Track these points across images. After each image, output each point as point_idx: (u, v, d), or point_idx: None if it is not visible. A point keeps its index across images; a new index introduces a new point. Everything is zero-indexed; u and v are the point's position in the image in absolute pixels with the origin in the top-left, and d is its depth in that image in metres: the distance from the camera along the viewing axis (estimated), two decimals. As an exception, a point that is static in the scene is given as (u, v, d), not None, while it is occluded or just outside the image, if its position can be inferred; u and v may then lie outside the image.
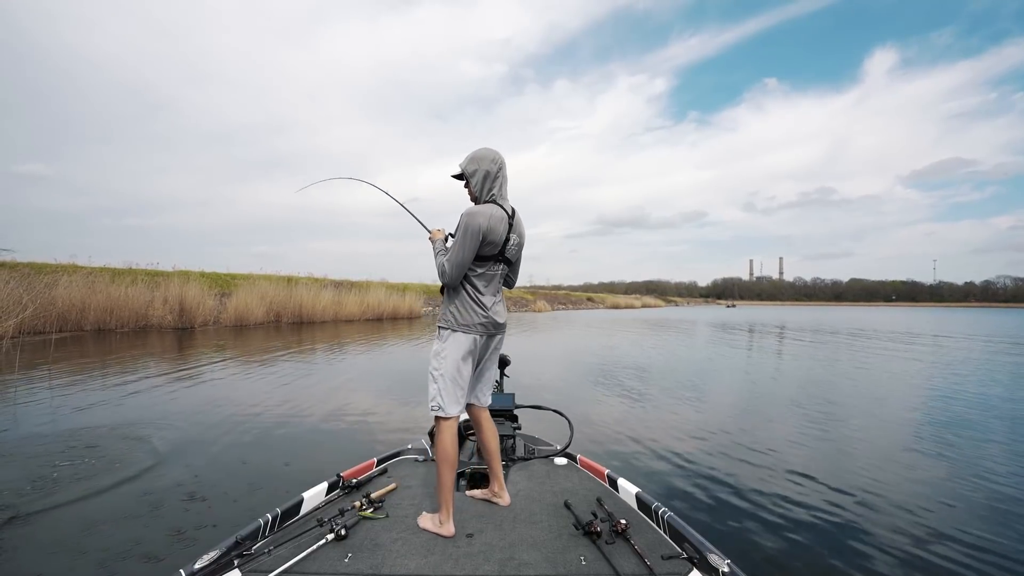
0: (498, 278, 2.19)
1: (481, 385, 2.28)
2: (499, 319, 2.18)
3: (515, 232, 2.17)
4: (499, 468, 2.27)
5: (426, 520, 2.04)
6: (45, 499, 2.81)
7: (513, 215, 2.17)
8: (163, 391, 5.92)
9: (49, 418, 4.56)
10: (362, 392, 6.05)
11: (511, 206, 2.19)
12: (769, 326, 23.90)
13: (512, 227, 2.15)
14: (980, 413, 5.32)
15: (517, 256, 2.25)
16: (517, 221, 2.19)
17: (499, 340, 2.29)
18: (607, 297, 73.44)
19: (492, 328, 2.17)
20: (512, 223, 2.16)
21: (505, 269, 2.22)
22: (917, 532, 2.59)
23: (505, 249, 2.15)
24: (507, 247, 2.15)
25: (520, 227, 2.22)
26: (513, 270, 2.29)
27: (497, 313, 2.17)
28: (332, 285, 22.70)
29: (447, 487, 2.01)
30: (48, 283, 12.97)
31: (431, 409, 2.10)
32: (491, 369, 2.30)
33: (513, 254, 2.20)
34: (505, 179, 2.18)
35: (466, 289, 2.12)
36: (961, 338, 16.47)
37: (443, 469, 2.04)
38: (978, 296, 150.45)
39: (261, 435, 4.14)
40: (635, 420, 4.92)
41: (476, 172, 2.13)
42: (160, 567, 2.12)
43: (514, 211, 2.19)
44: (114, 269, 17.72)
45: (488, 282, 2.15)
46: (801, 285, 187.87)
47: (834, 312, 57.55)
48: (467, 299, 2.11)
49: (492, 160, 2.14)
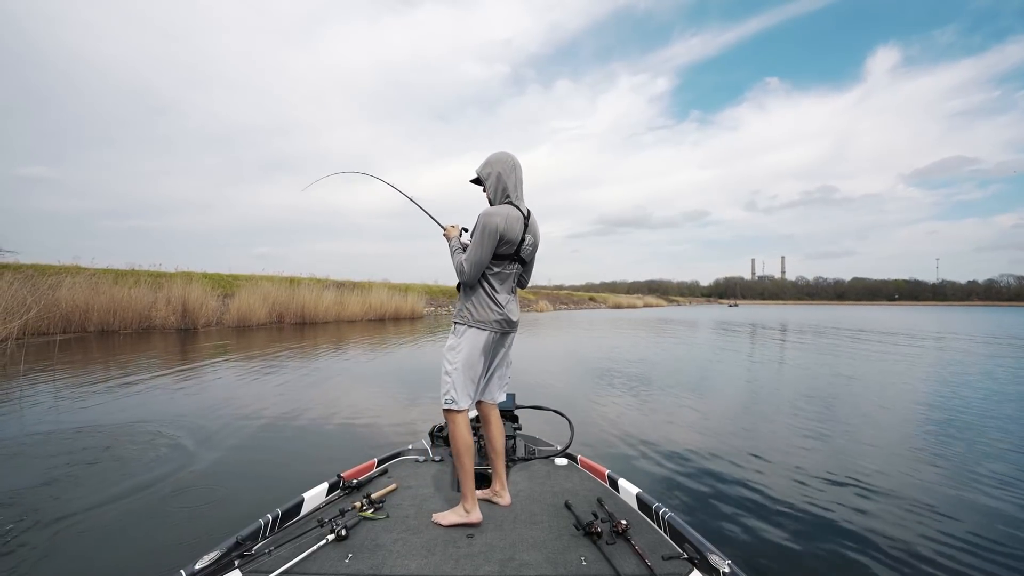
0: (513, 277, 2.25)
1: (494, 382, 2.33)
2: (513, 317, 2.23)
3: (530, 233, 2.22)
4: (502, 467, 2.28)
5: (448, 516, 2.07)
6: (45, 498, 2.82)
7: (528, 216, 2.22)
8: (166, 392, 5.93)
9: (52, 419, 4.57)
10: (363, 392, 6.06)
11: (527, 207, 2.24)
12: (771, 326, 23.85)
13: (528, 228, 2.20)
14: (984, 416, 5.30)
15: (531, 256, 2.30)
16: (532, 222, 2.24)
17: (511, 338, 2.33)
18: (609, 297, 73.37)
19: (506, 326, 2.22)
20: (528, 224, 2.21)
21: (519, 269, 2.26)
22: (918, 533, 2.59)
23: (520, 249, 2.20)
24: (522, 247, 2.20)
25: (535, 228, 2.27)
26: (527, 270, 2.34)
27: (511, 311, 2.22)
28: (334, 286, 22.70)
29: (469, 474, 2.09)
30: (52, 284, 13.01)
31: (444, 403, 2.15)
32: (502, 368, 2.34)
33: (528, 254, 2.25)
34: (520, 181, 2.24)
35: (483, 287, 2.18)
36: (964, 337, 16.42)
37: (464, 458, 2.11)
38: (981, 295, 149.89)
39: (262, 435, 4.15)
40: (636, 420, 4.91)
41: (490, 175, 2.21)
42: (160, 567, 2.12)
43: (529, 212, 2.24)
44: (117, 270, 17.77)
45: (503, 281, 2.21)
46: (803, 284, 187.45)
47: (836, 311, 57.41)
48: (484, 297, 2.17)
49: (505, 163, 2.21)
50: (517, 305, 2.28)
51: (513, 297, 2.27)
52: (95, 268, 17.29)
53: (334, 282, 23.99)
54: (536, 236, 2.28)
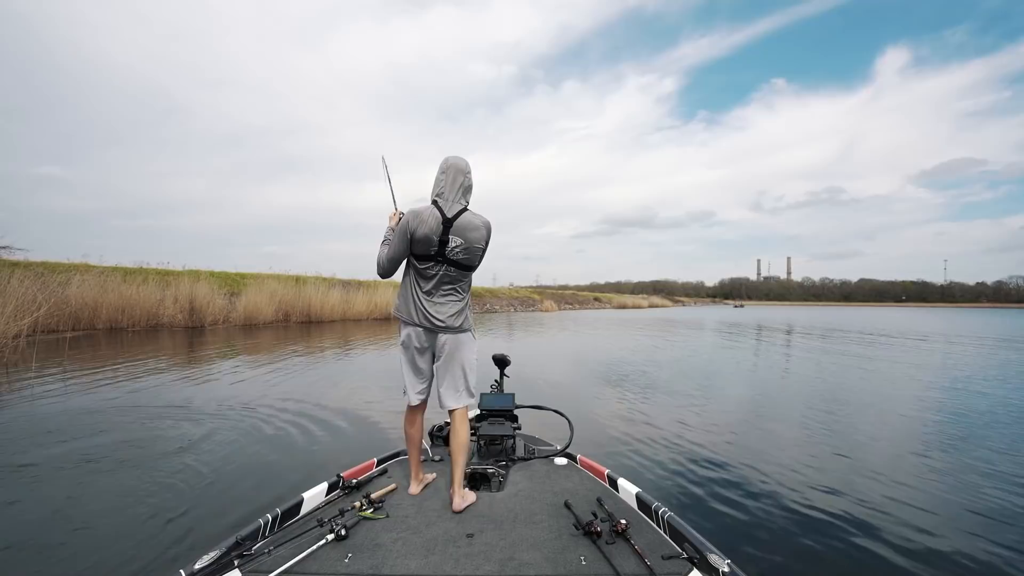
0: (441, 279, 2.21)
1: (445, 385, 2.28)
2: (437, 317, 2.20)
3: (457, 235, 2.16)
4: (459, 473, 2.20)
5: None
6: (46, 497, 2.85)
7: (456, 218, 2.17)
8: (169, 391, 5.98)
9: (59, 416, 4.63)
10: (364, 392, 6.07)
11: (460, 209, 2.19)
12: (777, 327, 23.70)
13: (452, 230, 2.16)
14: (990, 423, 5.24)
15: (467, 260, 2.22)
16: (463, 224, 2.17)
17: (451, 342, 2.25)
18: (614, 297, 73.23)
19: (427, 323, 2.21)
20: (453, 226, 2.16)
21: (451, 271, 2.21)
22: (919, 533, 2.56)
23: (446, 251, 2.17)
24: (447, 249, 2.17)
25: (467, 231, 2.18)
26: (463, 273, 2.25)
27: (438, 310, 2.20)
28: (340, 285, 22.79)
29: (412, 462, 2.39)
30: (61, 282, 13.15)
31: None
32: (451, 372, 2.27)
33: (458, 256, 2.19)
34: (455, 184, 2.22)
35: (407, 282, 2.27)
36: (974, 339, 16.24)
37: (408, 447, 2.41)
38: (990, 296, 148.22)
39: (263, 435, 4.16)
40: (636, 420, 4.90)
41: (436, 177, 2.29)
42: (160, 567, 2.12)
43: (459, 214, 2.18)
44: (125, 268, 17.93)
45: (429, 280, 2.21)
46: (809, 285, 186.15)
47: (843, 312, 56.97)
48: (407, 292, 2.26)
49: (443, 165, 2.26)
50: (451, 308, 2.23)
51: (447, 299, 2.23)
52: (104, 266, 17.47)
53: (340, 281, 24.08)
54: (468, 240, 2.18)
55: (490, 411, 3.06)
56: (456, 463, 2.20)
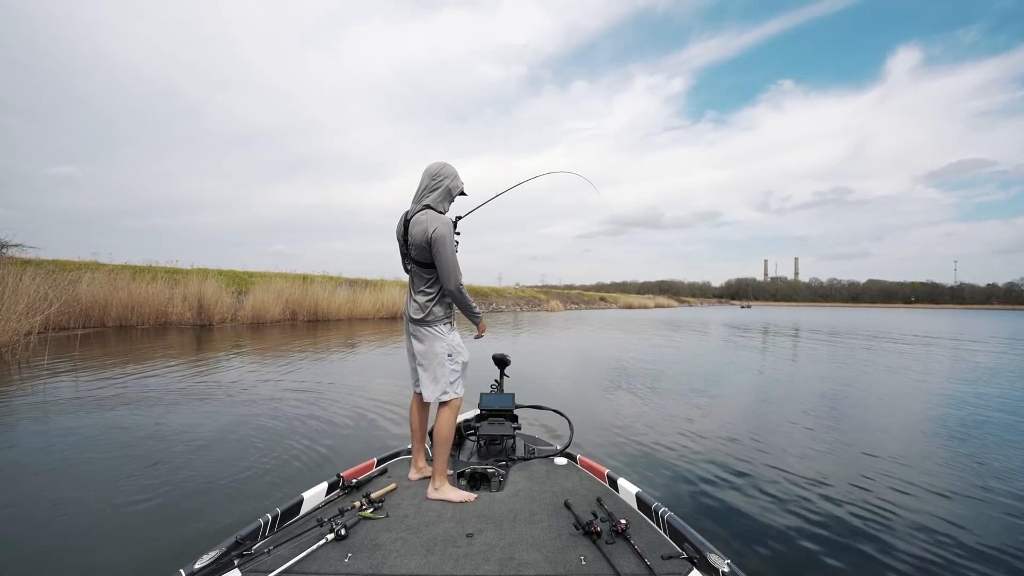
0: (413, 275, 2.40)
1: (422, 379, 2.42)
2: (409, 310, 2.40)
3: (411, 234, 2.31)
4: (437, 465, 2.32)
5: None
6: (45, 497, 2.87)
7: (413, 216, 2.32)
8: (176, 388, 6.03)
9: (66, 413, 4.68)
10: (365, 391, 6.08)
11: (421, 208, 2.32)
12: (784, 328, 23.53)
13: (408, 228, 2.32)
14: (995, 427, 5.18)
15: (422, 256, 2.31)
16: (414, 221, 2.31)
17: (419, 334, 2.38)
18: (620, 297, 72.99)
19: (406, 318, 2.42)
20: (409, 224, 2.33)
21: (416, 268, 2.36)
22: (919, 533, 2.55)
23: (408, 250, 2.37)
24: (408, 248, 2.35)
25: (417, 229, 2.28)
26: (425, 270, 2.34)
27: (410, 306, 2.40)
28: (347, 284, 22.88)
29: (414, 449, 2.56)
30: (72, 280, 13.31)
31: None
32: (422, 365, 2.40)
33: (416, 253, 2.32)
34: (420, 186, 2.38)
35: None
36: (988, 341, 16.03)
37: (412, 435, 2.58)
38: (1001, 298, 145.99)
39: (263, 434, 4.17)
40: (636, 420, 4.88)
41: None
42: (160, 567, 2.11)
43: (416, 213, 2.32)
44: (135, 267, 18.13)
45: (411, 277, 2.43)
46: (817, 286, 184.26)
47: (851, 314, 56.44)
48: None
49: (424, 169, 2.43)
50: (421, 303, 2.35)
51: (418, 294, 2.37)
52: (113, 264, 17.67)
53: (347, 280, 24.19)
54: (416, 237, 2.27)
55: (490, 411, 3.06)
56: (435, 455, 2.33)
